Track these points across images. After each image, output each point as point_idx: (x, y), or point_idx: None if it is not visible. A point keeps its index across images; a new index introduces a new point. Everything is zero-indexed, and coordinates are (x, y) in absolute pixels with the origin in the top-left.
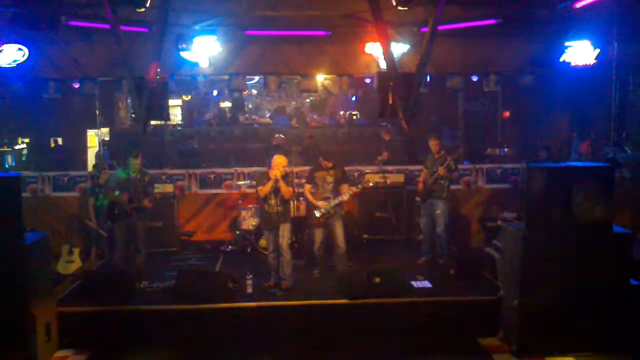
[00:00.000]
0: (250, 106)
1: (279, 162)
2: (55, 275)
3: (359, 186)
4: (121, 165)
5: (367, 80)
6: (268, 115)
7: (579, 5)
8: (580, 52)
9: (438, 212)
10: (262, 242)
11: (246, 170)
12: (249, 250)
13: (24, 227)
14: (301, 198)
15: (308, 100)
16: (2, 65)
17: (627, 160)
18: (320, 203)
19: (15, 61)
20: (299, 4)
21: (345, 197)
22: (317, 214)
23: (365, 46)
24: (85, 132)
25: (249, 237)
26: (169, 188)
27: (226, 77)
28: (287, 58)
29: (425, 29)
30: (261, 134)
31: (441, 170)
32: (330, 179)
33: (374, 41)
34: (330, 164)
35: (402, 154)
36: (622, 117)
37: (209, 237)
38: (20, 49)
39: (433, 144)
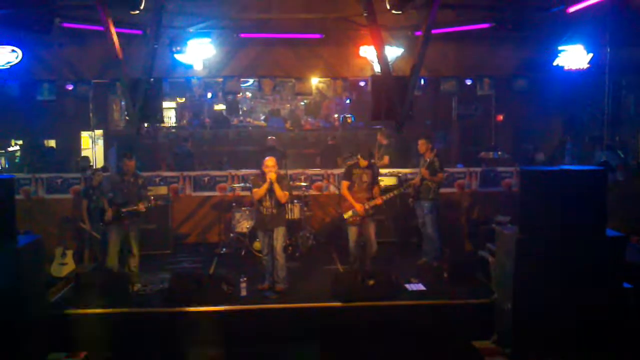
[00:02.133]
0: (244, 109)
1: (268, 163)
2: (48, 278)
3: (396, 192)
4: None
5: (362, 83)
6: (262, 117)
7: (572, 9)
8: (573, 57)
9: (425, 212)
10: (257, 244)
11: (240, 172)
12: (243, 252)
13: (17, 229)
14: (295, 201)
15: (302, 103)
16: None
17: (620, 164)
18: (359, 207)
19: (8, 63)
20: (293, 7)
21: (379, 201)
22: (346, 215)
23: (360, 49)
24: (79, 134)
25: (243, 239)
26: (163, 190)
27: (220, 79)
28: (282, 61)
29: (420, 33)
30: (255, 136)
31: (423, 172)
32: (366, 177)
33: (368, 44)
34: (366, 163)
35: (396, 157)
36: (615, 121)
37: (203, 240)
38: (13, 51)
39: (421, 143)
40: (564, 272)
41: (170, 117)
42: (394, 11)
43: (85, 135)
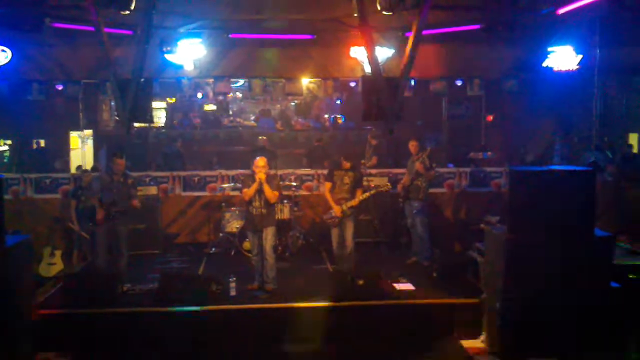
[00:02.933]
0: (234, 109)
1: (259, 163)
2: (37, 278)
3: (372, 191)
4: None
5: (352, 84)
6: (253, 118)
7: (562, 11)
8: (563, 58)
9: (414, 212)
10: (246, 244)
11: (230, 172)
12: (232, 252)
13: (5, 229)
14: (285, 201)
15: (293, 103)
16: None
17: (608, 164)
18: (336, 208)
19: None
20: (284, 7)
21: (355, 202)
22: (326, 217)
23: (350, 50)
24: (69, 134)
25: (233, 239)
26: (152, 190)
27: (211, 80)
28: (272, 61)
29: (410, 34)
30: (246, 136)
31: (418, 166)
32: (347, 179)
33: (359, 45)
34: (348, 165)
35: (386, 157)
36: (604, 122)
37: (193, 240)
38: (3, 51)
39: (412, 144)
40: (553, 272)
41: (160, 117)
42: (384, 12)
43: (74, 135)
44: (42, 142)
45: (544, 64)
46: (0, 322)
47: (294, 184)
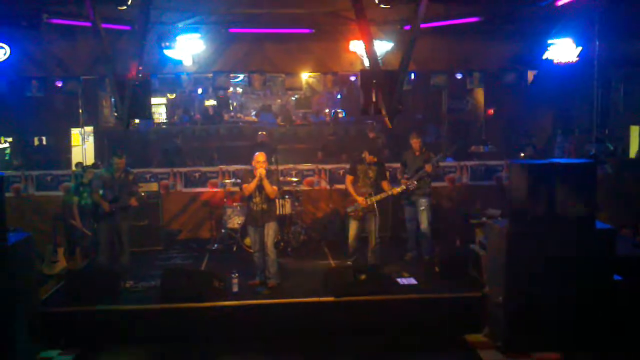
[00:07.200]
0: (235, 104)
1: (259, 159)
2: (39, 276)
3: (401, 187)
4: (105, 164)
5: (352, 78)
6: (253, 113)
7: (561, 3)
8: (562, 50)
9: (422, 208)
10: (248, 240)
11: (231, 168)
12: (234, 248)
13: (6, 227)
14: (286, 196)
15: (293, 98)
16: None
17: (609, 157)
18: (360, 199)
19: None
20: (283, 1)
21: (383, 196)
22: (350, 209)
23: (349, 44)
24: (69, 130)
25: (235, 235)
26: (153, 187)
27: (210, 75)
28: (272, 56)
29: (409, 27)
30: (246, 132)
31: (429, 168)
32: (372, 173)
33: (358, 39)
34: (374, 159)
35: (386, 151)
36: (605, 114)
37: (194, 236)
38: (1, 47)
39: (415, 142)
40: (555, 265)
41: (160, 113)
42: (382, 5)
43: (75, 132)
44: (44, 140)
45: (544, 57)
46: (2, 320)
47: (295, 179)
